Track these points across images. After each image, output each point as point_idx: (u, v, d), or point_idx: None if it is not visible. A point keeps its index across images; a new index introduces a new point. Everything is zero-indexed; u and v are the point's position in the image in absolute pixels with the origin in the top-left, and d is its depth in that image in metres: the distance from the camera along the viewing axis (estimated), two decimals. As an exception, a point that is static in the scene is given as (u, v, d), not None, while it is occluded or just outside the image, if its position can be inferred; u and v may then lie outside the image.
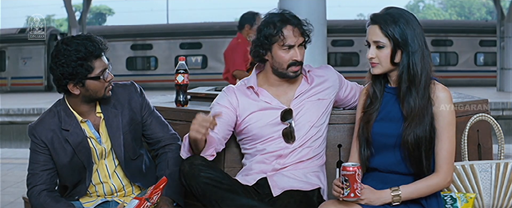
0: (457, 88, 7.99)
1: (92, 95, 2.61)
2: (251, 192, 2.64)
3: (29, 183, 2.68)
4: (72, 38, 2.58)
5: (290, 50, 2.68)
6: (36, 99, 17.36)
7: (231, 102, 2.74)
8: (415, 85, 2.39)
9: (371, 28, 2.42)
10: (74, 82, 2.56)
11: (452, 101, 2.44)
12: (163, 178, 2.52)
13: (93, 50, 2.55)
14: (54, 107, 2.69)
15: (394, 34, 2.37)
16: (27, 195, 2.70)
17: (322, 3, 6.18)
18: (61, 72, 2.54)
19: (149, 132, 2.79)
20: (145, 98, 2.79)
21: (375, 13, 2.44)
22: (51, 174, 2.66)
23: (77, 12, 23.42)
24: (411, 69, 2.38)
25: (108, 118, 2.68)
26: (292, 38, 2.67)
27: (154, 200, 2.50)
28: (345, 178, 2.27)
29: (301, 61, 2.70)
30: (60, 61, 2.53)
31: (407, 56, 2.38)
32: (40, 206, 2.63)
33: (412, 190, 2.38)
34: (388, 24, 2.38)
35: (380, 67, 2.43)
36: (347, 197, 2.28)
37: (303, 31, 2.69)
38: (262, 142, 2.73)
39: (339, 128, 2.91)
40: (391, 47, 2.39)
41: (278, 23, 2.67)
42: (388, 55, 2.40)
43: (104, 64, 2.59)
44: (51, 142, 2.64)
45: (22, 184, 5.54)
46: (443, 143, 2.41)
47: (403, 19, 2.39)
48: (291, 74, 2.71)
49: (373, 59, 2.42)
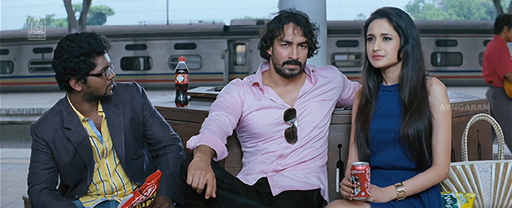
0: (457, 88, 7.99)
1: (93, 92, 2.61)
2: (252, 192, 2.64)
3: (29, 182, 2.68)
4: (76, 35, 2.60)
5: (289, 47, 2.69)
6: (37, 99, 17.36)
7: (239, 94, 2.76)
8: (418, 78, 2.46)
9: (377, 21, 2.48)
10: (76, 78, 2.57)
11: (447, 94, 2.51)
12: (157, 171, 2.52)
13: (96, 47, 2.56)
14: (56, 106, 2.70)
15: (403, 27, 2.46)
16: (28, 193, 2.70)
17: (322, 3, 6.17)
18: (64, 68, 2.55)
19: (150, 133, 2.80)
20: (147, 99, 2.80)
21: (379, 8, 2.52)
22: (52, 173, 2.67)
23: (77, 12, 23.45)
24: (416, 64, 2.46)
25: (109, 117, 2.69)
26: (291, 35, 2.68)
27: (148, 193, 2.49)
28: (355, 178, 2.30)
29: (298, 60, 2.70)
30: (63, 57, 2.55)
31: (412, 50, 2.47)
32: (41, 204, 2.63)
33: (415, 184, 2.43)
34: (396, 17, 2.47)
35: (386, 60, 2.48)
36: (358, 196, 2.31)
37: (306, 31, 2.69)
38: (264, 141, 2.74)
39: (339, 128, 2.91)
40: (399, 40, 2.46)
41: (283, 19, 2.70)
42: (394, 47, 2.46)
43: (106, 62, 2.60)
44: (53, 141, 2.65)
45: (22, 184, 5.55)
46: (440, 135, 2.46)
47: (405, 15, 2.50)
48: (286, 72, 2.72)
49: (380, 51, 2.47)
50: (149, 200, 2.52)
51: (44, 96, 18.19)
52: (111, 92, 2.66)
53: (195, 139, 2.48)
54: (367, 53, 2.51)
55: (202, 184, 2.33)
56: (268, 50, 2.76)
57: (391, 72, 2.51)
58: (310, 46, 2.74)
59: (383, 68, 2.51)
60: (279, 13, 2.75)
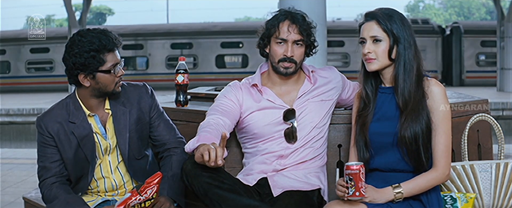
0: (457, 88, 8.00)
1: (101, 88, 2.63)
2: (252, 192, 2.64)
3: (40, 176, 2.71)
4: (88, 30, 2.62)
5: (284, 45, 2.69)
6: (37, 99, 17.36)
7: (237, 97, 2.76)
8: (410, 79, 2.44)
9: (367, 24, 2.48)
10: (85, 73, 2.59)
11: (446, 95, 2.49)
12: (157, 173, 2.53)
13: (106, 43, 2.58)
14: (64, 100, 2.73)
15: (392, 28, 2.44)
16: (39, 186, 2.73)
17: (322, 3, 6.19)
18: (73, 62, 2.57)
19: (156, 134, 2.80)
20: (155, 100, 2.81)
21: (369, 11, 2.51)
22: (60, 166, 2.69)
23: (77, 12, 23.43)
24: (407, 64, 2.44)
25: (116, 115, 2.71)
26: (286, 32, 2.68)
27: (148, 194, 2.49)
28: (349, 177, 2.28)
29: (292, 58, 2.70)
30: (73, 51, 2.57)
31: (403, 50, 2.44)
32: (52, 197, 2.66)
33: (413, 186, 2.41)
34: (385, 19, 2.45)
35: (377, 63, 2.47)
36: (352, 196, 2.30)
37: (301, 29, 2.69)
38: (264, 142, 2.74)
39: (339, 128, 2.91)
40: (389, 41, 2.45)
41: (279, 17, 2.70)
42: (385, 49, 2.45)
43: (116, 59, 2.62)
44: (57, 134, 2.67)
45: (22, 184, 5.56)
46: (440, 137, 2.44)
47: (397, 16, 2.47)
48: (281, 70, 2.72)
49: (370, 54, 2.46)
50: (148, 201, 2.52)
51: (44, 96, 18.19)
52: (120, 89, 2.68)
53: (192, 142, 2.47)
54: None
55: (213, 156, 2.30)
56: (266, 48, 2.76)
57: (387, 73, 2.50)
58: (307, 44, 2.73)
59: (379, 70, 2.51)
60: (277, 11, 2.75)
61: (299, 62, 2.73)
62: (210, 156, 2.30)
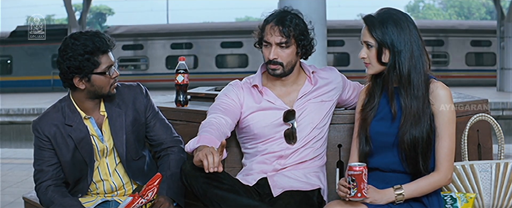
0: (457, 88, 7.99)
1: (97, 90, 2.62)
2: (252, 192, 2.64)
3: (36, 179, 2.71)
4: (81, 33, 2.61)
5: (269, 47, 2.69)
6: (37, 99, 17.36)
7: (238, 96, 2.75)
8: (404, 85, 2.42)
9: (363, 29, 2.48)
10: (80, 76, 2.58)
11: (452, 99, 2.46)
12: (157, 174, 2.53)
13: (100, 45, 2.57)
14: (59, 103, 2.72)
15: (379, 35, 2.42)
16: (35, 190, 2.72)
17: (322, 3, 6.19)
18: (68, 66, 2.56)
19: (152, 134, 2.80)
20: (150, 100, 2.81)
21: (366, 14, 2.49)
22: (57, 169, 2.69)
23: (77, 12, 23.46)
24: (398, 69, 2.42)
25: (111, 117, 2.70)
26: (268, 35, 2.68)
27: (149, 197, 2.50)
28: (352, 178, 2.28)
29: (276, 60, 2.68)
30: (67, 55, 2.56)
31: (393, 56, 2.42)
32: (48, 201, 2.65)
33: (415, 188, 2.40)
34: (374, 24, 2.43)
35: (371, 67, 2.47)
36: (354, 197, 2.29)
37: (285, 31, 2.65)
38: (264, 142, 2.73)
39: (339, 128, 2.91)
40: (376, 47, 2.43)
41: (268, 18, 2.70)
42: (374, 54, 2.44)
43: (110, 61, 2.62)
44: (54, 137, 2.66)
45: (22, 184, 5.56)
46: (444, 141, 2.43)
47: (391, 20, 2.43)
48: (270, 71, 2.72)
49: (365, 59, 2.47)
50: (149, 203, 2.52)
51: (44, 96, 18.19)
52: (115, 91, 2.68)
53: (193, 142, 2.47)
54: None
55: (211, 162, 2.28)
56: (261, 49, 2.76)
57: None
58: (299, 45, 2.69)
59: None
60: (270, 12, 2.74)
61: (288, 64, 2.70)
62: (209, 162, 2.29)
